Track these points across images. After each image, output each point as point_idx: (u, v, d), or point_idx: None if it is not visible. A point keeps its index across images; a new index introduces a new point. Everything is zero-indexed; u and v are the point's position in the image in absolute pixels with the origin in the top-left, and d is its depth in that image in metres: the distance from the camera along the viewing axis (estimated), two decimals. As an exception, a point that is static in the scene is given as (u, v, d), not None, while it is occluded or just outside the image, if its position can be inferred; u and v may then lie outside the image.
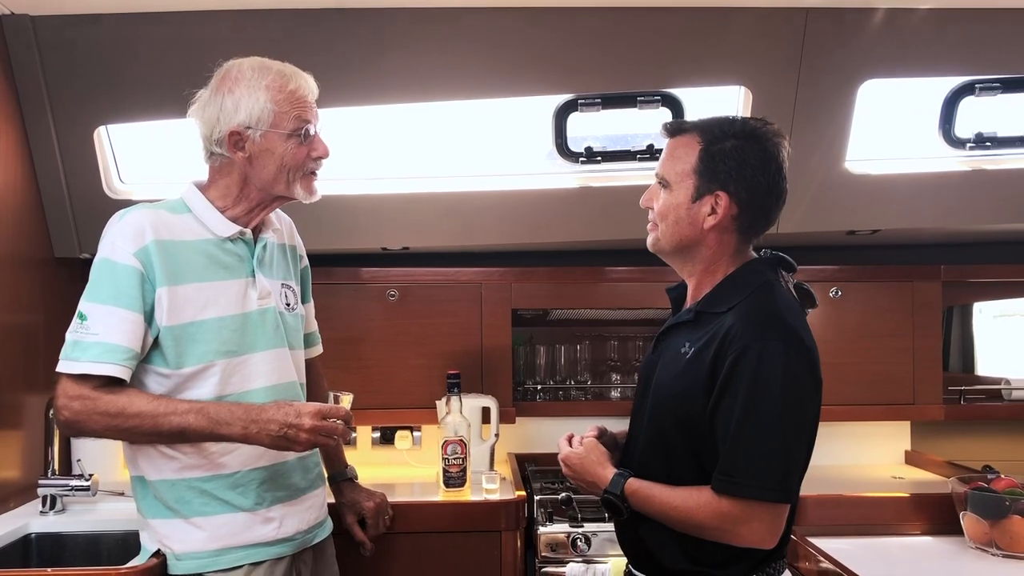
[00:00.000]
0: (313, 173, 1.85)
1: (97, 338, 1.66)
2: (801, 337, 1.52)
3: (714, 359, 1.52)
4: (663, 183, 1.65)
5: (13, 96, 2.44)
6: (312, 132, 1.82)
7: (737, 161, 1.57)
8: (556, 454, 1.99)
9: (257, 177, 1.80)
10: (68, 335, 1.69)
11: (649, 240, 1.70)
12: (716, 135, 1.60)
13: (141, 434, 1.69)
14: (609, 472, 1.66)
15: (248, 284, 1.83)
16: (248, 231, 1.85)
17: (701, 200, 1.59)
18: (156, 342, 1.73)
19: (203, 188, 1.85)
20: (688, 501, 1.54)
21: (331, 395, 1.80)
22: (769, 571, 1.60)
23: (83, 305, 1.70)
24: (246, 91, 1.76)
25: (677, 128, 1.67)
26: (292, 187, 1.82)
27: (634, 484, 1.61)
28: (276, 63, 1.81)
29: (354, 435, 2.97)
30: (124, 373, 1.67)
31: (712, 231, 1.60)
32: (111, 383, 1.67)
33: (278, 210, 2.02)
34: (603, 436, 1.79)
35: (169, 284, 1.72)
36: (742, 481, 1.47)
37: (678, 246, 1.64)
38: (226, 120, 1.76)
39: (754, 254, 1.68)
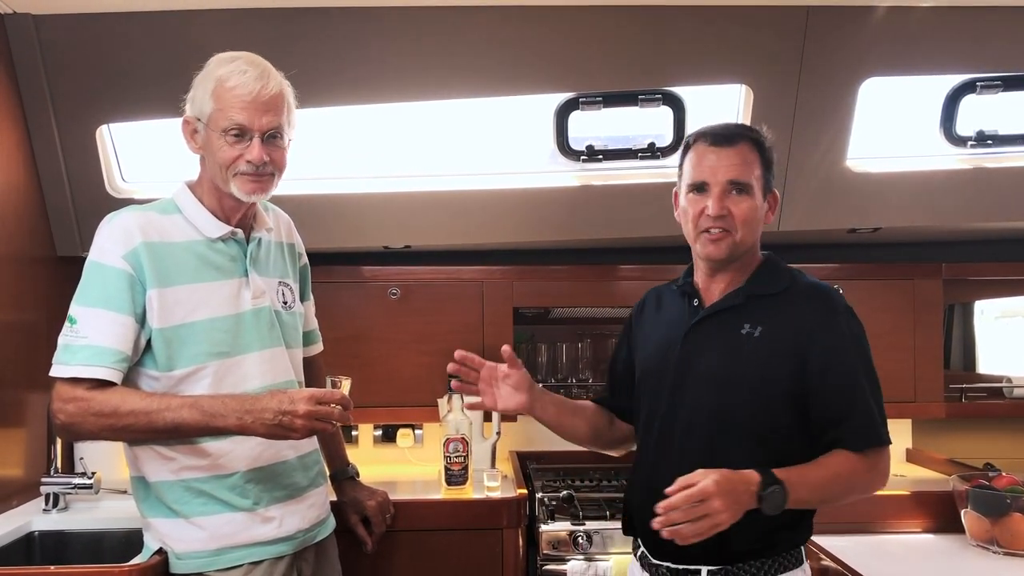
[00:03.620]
0: (249, 174, 1.74)
1: (86, 341, 1.66)
2: None
3: (797, 338, 1.62)
4: (743, 188, 1.66)
5: (15, 95, 2.44)
6: (249, 137, 1.73)
7: (774, 163, 1.74)
8: (557, 452, 1.98)
9: (209, 170, 1.80)
10: (60, 339, 1.69)
11: (721, 249, 1.67)
12: (761, 142, 1.72)
13: (136, 432, 1.68)
14: (750, 472, 1.53)
15: (241, 284, 1.82)
16: (239, 231, 1.84)
17: (765, 199, 1.71)
18: (148, 345, 1.73)
19: (193, 186, 1.85)
20: (842, 467, 1.60)
21: (328, 380, 1.79)
22: (802, 552, 1.70)
23: (73, 309, 1.70)
24: (201, 82, 1.76)
25: (736, 135, 1.71)
26: (228, 185, 1.76)
27: (778, 471, 1.54)
28: (243, 57, 1.76)
29: (355, 433, 2.98)
30: (114, 376, 1.67)
31: (765, 226, 1.74)
32: (103, 385, 1.66)
33: (275, 208, 2.02)
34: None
35: (159, 286, 1.71)
36: (880, 432, 1.62)
37: (751, 246, 1.72)
38: (188, 109, 1.78)
39: None
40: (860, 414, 1.60)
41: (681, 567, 1.66)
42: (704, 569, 1.64)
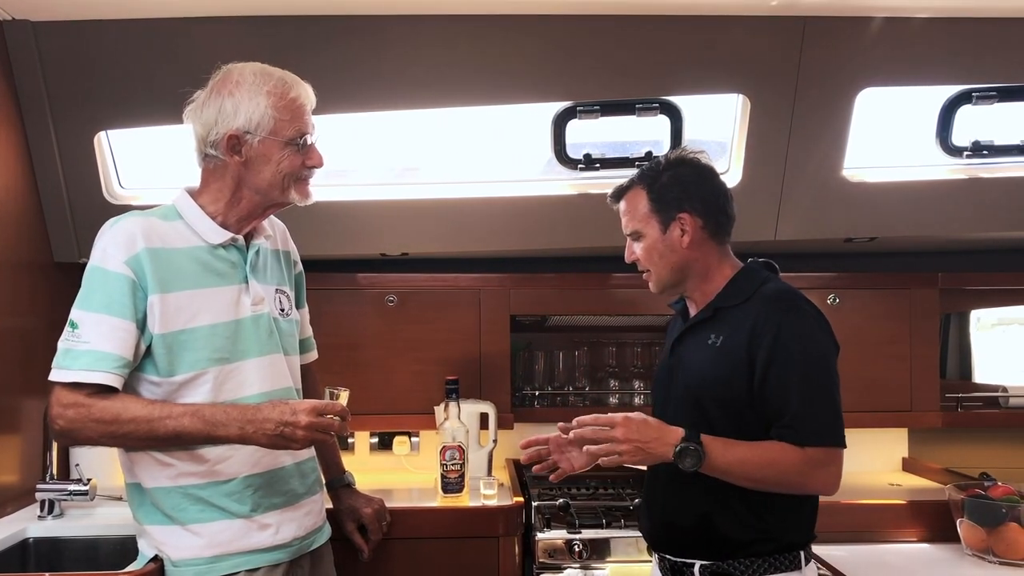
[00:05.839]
0: (306, 179, 1.85)
1: (88, 346, 1.66)
2: (819, 310, 1.75)
3: (749, 342, 1.69)
4: (634, 236, 1.86)
5: (14, 101, 2.45)
6: (309, 142, 1.82)
7: (679, 185, 1.80)
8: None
9: (251, 181, 1.80)
10: (60, 343, 1.69)
11: (652, 287, 1.88)
12: (653, 176, 1.83)
13: (137, 439, 1.68)
14: (674, 428, 1.67)
15: (241, 290, 1.83)
16: (240, 237, 1.85)
17: (669, 228, 1.80)
18: (148, 350, 1.73)
19: (195, 193, 1.85)
20: (771, 449, 1.65)
21: (327, 391, 1.80)
22: (807, 552, 1.74)
23: (74, 313, 1.69)
24: (247, 96, 1.76)
25: (621, 191, 1.89)
26: (287, 192, 1.83)
27: (706, 436, 1.65)
28: (277, 70, 1.81)
29: (352, 441, 2.98)
30: (116, 381, 1.67)
31: (691, 247, 1.80)
32: (104, 391, 1.66)
33: (271, 216, 2.03)
34: None
35: (161, 292, 1.72)
36: (822, 431, 1.65)
37: (673, 273, 1.83)
38: (224, 123, 1.76)
39: (739, 262, 1.87)
40: (800, 410, 1.64)
41: (679, 560, 1.77)
42: (697, 564, 1.73)
